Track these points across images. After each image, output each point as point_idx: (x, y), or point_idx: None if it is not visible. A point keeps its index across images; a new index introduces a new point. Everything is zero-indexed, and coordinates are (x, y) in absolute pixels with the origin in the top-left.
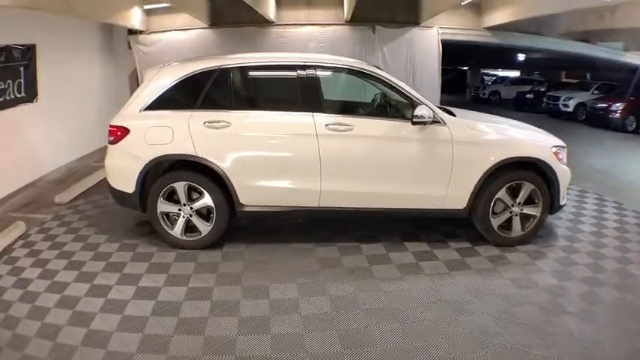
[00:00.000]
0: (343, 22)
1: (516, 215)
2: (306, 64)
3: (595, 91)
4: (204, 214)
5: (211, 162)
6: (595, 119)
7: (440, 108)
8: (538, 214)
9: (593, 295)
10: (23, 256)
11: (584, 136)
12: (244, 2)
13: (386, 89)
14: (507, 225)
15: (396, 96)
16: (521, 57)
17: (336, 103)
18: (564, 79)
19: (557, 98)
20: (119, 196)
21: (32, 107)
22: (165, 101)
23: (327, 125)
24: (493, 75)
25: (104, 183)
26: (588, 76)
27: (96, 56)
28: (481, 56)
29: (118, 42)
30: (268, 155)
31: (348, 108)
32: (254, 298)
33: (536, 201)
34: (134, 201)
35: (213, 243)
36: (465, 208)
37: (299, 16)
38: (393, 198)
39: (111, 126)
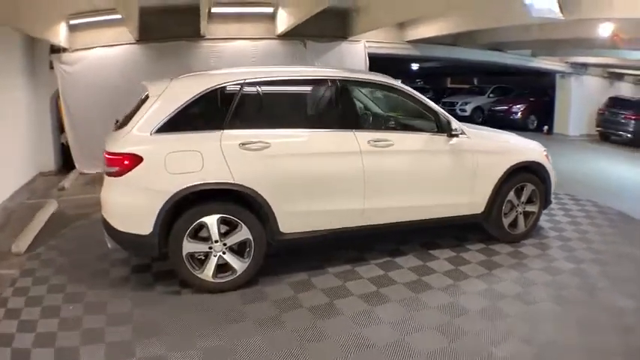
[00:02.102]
0: (274, 37)
1: (520, 214)
2: (340, 78)
3: (490, 95)
4: (235, 249)
5: (251, 189)
6: (495, 121)
7: None
8: (536, 211)
9: (608, 272)
10: (17, 332)
11: None
12: (173, 15)
13: (412, 103)
14: (513, 223)
15: (416, 109)
16: (414, 66)
17: (370, 118)
18: (449, 85)
19: (454, 104)
20: (129, 240)
21: None
22: (183, 121)
23: (369, 142)
24: None
25: (53, 224)
26: (475, 81)
27: (19, 78)
28: (370, 68)
29: (40, 62)
30: (312, 176)
31: (382, 123)
32: (360, 348)
33: (534, 199)
34: (151, 244)
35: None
36: (482, 212)
37: (229, 30)
38: (429, 209)
39: (111, 154)
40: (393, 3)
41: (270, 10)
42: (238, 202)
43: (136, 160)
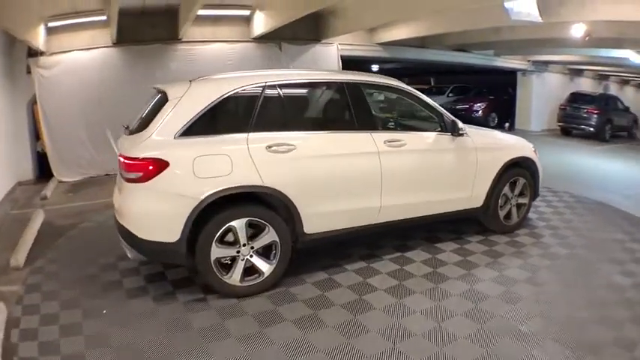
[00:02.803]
0: (250, 39)
1: (514, 206)
2: (356, 82)
3: (450, 94)
4: (260, 252)
5: (279, 191)
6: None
7: None
8: (527, 202)
9: (599, 254)
10: (40, 355)
11: None
12: (149, 17)
13: (418, 105)
14: (507, 215)
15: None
16: (374, 68)
17: (382, 119)
18: None
19: None
20: (154, 248)
21: None
22: (208, 124)
23: (385, 142)
24: None
25: (44, 235)
26: (432, 80)
27: None
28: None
29: (18, 66)
30: (335, 177)
31: (392, 124)
32: (403, 337)
33: (525, 192)
34: (178, 252)
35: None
36: (481, 205)
37: (205, 32)
38: (436, 204)
39: (132, 159)
40: (377, 6)
41: (247, 12)
42: (262, 204)
43: (161, 165)
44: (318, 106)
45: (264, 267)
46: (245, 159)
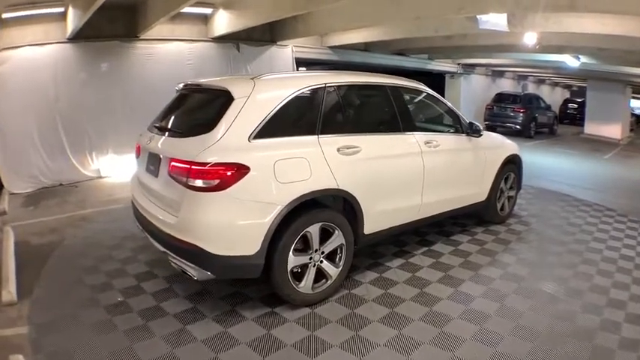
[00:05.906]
0: (208, 39)
1: (506, 198)
2: (398, 85)
3: None
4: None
5: (350, 193)
6: None
7: None
8: (515, 195)
9: (584, 233)
10: None
11: None
12: (106, 12)
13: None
14: (501, 207)
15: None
16: (302, 68)
17: (417, 122)
18: None
19: None
20: (230, 264)
21: None
22: (278, 125)
23: (425, 143)
24: None
25: (25, 258)
26: None
27: None
28: None
29: None
30: (391, 177)
31: (424, 126)
32: (481, 319)
33: (513, 186)
34: (256, 265)
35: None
36: (485, 199)
37: (162, 30)
38: (457, 199)
39: (202, 164)
40: (353, 12)
41: (209, 10)
42: (336, 208)
43: (241, 170)
44: (370, 108)
45: (332, 271)
46: (321, 162)
